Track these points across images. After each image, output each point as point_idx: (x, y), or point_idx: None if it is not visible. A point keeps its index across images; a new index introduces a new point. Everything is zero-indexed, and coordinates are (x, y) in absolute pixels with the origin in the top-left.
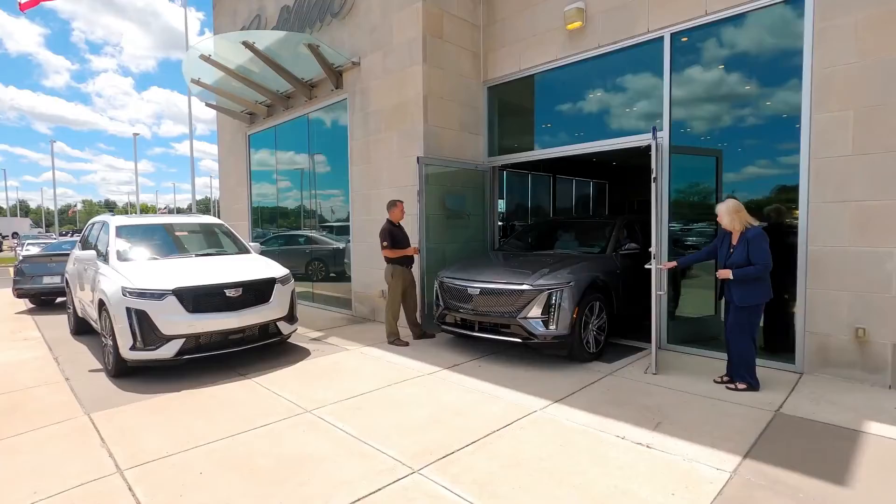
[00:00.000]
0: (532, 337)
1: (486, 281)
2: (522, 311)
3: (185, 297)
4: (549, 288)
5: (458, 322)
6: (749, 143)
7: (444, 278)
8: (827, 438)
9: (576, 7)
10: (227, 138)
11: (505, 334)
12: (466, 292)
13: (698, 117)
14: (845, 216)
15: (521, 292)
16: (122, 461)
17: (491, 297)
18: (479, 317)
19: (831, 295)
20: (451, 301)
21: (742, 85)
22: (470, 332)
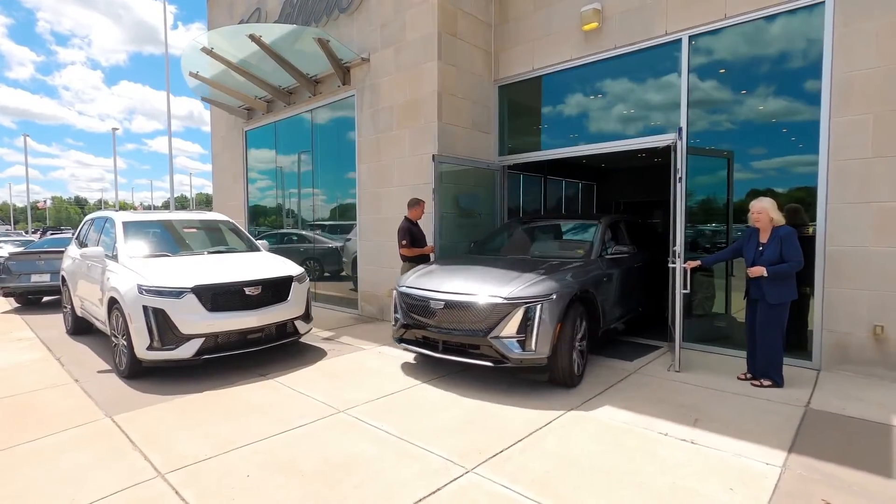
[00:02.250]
0: (505, 360)
1: (452, 292)
2: (494, 329)
3: (204, 296)
4: (526, 301)
5: (419, 340)
6: (766, 144)
7: (404, 287)
8: (862, 433)
9: (593, 8)
10: (223, 134)
11: (474, 356)
12: (428, 305)
13: (715, 119)
14: (865, 217)
15: (492, 306)
16: (160, 465)
17: (457, 312)
18: (444, 334)
19: (850, 294)
20: (412, 315)
21: (759, 88)
22: (433, 352)
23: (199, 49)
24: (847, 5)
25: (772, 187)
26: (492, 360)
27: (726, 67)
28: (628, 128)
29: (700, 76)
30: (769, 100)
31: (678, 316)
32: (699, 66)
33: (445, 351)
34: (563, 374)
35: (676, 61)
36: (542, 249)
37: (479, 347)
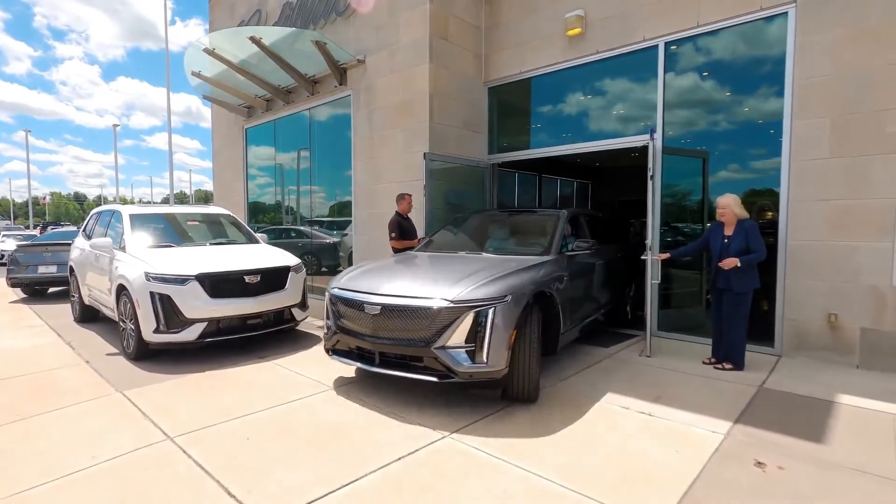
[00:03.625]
0: (452, 374)
1: (390, 294)
2: (439, 338)
3: (207, 283)
4: (476, 304)
5: (353, 351)
6: (735, 145)
7: (336, 289)
8: (805, 407)
9: (576, 14)
10: (223, 131)
11: (415, 369)
12: (362, 309)
13: (689, 121)
14: (822, 213)
15: (436, 311)
16: (168, 430)
17: (396, 317)
18: (381, 345)
19: (808, 284)
20: (344, 321)
21: (729, 92)
22: (369, 365)
23: (202, 49)
24: (806, 18)
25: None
26: (436, 374)
27: (700, 72)
28: (609, 128)
29: (675, 80)
30: (739, 103)
31: (650, 305)
32: (674, 71)
33: (383, 364)
34: (521, 389)
35: (653, 66)
36: (498, 245)
37: (423, 359)
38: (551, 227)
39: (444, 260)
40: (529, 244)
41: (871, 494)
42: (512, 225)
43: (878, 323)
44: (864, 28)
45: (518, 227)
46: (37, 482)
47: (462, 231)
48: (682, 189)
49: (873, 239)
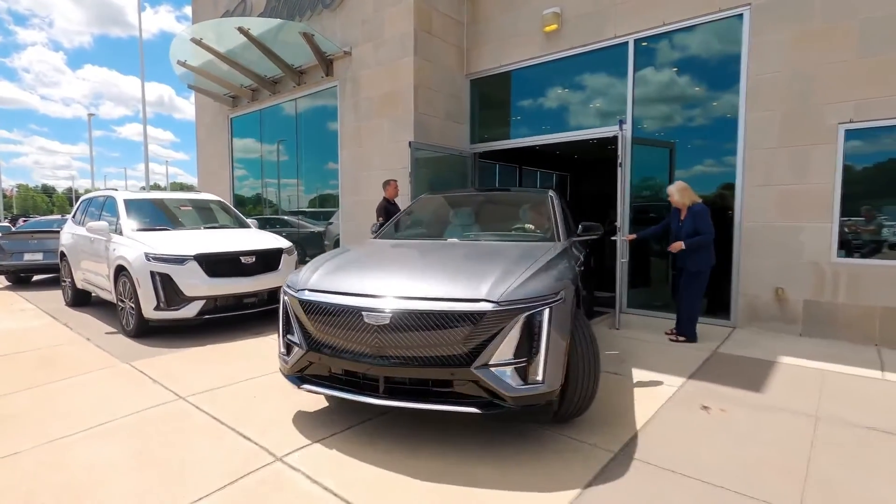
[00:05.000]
0: (500, 400)
1: (406, 296)
2: (481, 353)
3: (205, 263)
4: (529, 305)
5: (337, 376)
6: (698, 136)
7: (307, 293)
8: (749, 367)
9: (552, 11)
10: (208, 121)
11: (442, 398)
12: (358, 319)
13: (656, 113)
14: (771, 198)
15: (481, 316)
16: (180, 392)
17: (416, 328)
18: (390, 366)
19: (759, 262)
20: (325, 336)
21: (693, 86)
22: (369, 395)
23: (188, 39)
24: (759, 19)
25: (703, 173)
26: (476, 402)
27: (667, 68)
28: (583, 120)
29: (644, 75)
30: (702, 97)
31: (620, 283)
32: (643, 66)
33: (391, 393)
34: (576, 407)
35: (624, 61)
36: (496, 229)
37: (452, 384)
38: (549, 209)
39: (443, 248)
40: (530, 228)
41: (794, 427)
42: (501, 206)
43: (818, 295)
44: (810, 30)
45: (509, 208)
46: (64, 433)
47: (442, 213)
48: (651, 177)
49: (815, 220)
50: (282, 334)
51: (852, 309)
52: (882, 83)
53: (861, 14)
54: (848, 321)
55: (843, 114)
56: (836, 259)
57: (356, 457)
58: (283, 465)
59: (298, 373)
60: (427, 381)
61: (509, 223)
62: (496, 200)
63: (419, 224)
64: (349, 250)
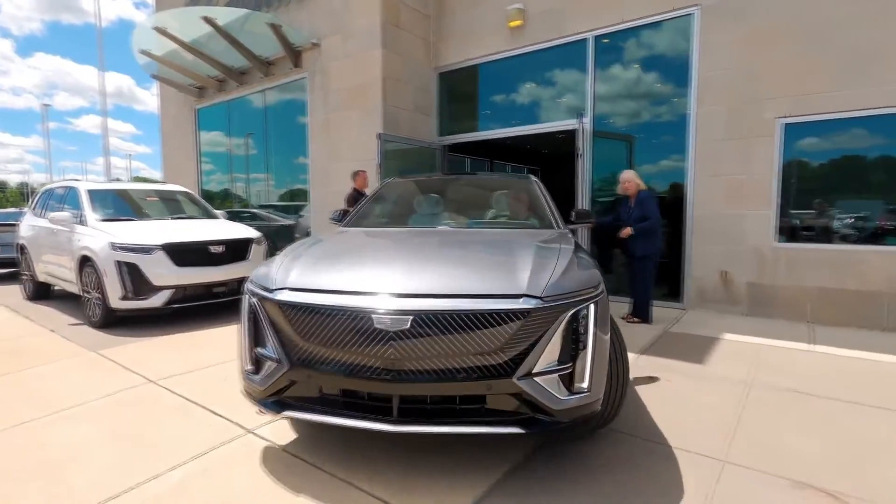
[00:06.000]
0: (547, 415)
1: (427, 293)
2: (524, 360)
3: (172, 252)
4: (574, 300)
5: (331, 398)
6: (655, 129)
7: (287, 291)
8: (695, 343)
9: (516, 7)
10: (173, 112)
11: (473, 419)
12: (369, 323)
13: (616, 108)
14: (719, 188)
15: (522, 314)
16: (151, 376)
17: (445, 333)
18: (408, 382)
19: (708, 248)
20: (318, 348)
21: (649, 82)
22: (379, 421)
23: (152, 28)
24: (707, 19)
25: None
26: (516, 420)
27: (625, 64)
28: (547, 113)
29: (604, 70)
30: (658, 92)
31: None
32: (603, 62)
33: (406, 416)
34: (608, 415)
35: (585, 57)
36: (481, 217)
37: (485, 399)
38: (539, 195)
39: (441, 236)
40: (523, 215)
41: (729, 392)
42: (484, 191)
43: (760, 278)
44: (754, 31)
45: (494, 193)
46: (35, 416)
47: (417, 198)
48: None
49: (757, 208)
50: (247, 347)
51: (789, 290)
52: (816, 80)
53: (799, 17)
54: (786, 301)
55: (782, 109)
56: (776, 244)
57: (326, 426)
58: (254, 437)
59: (275, 395)
60: (453, 399)
61: (498, 209)
62: (477, 185)
63: (394, 210)
64: (324, 241)
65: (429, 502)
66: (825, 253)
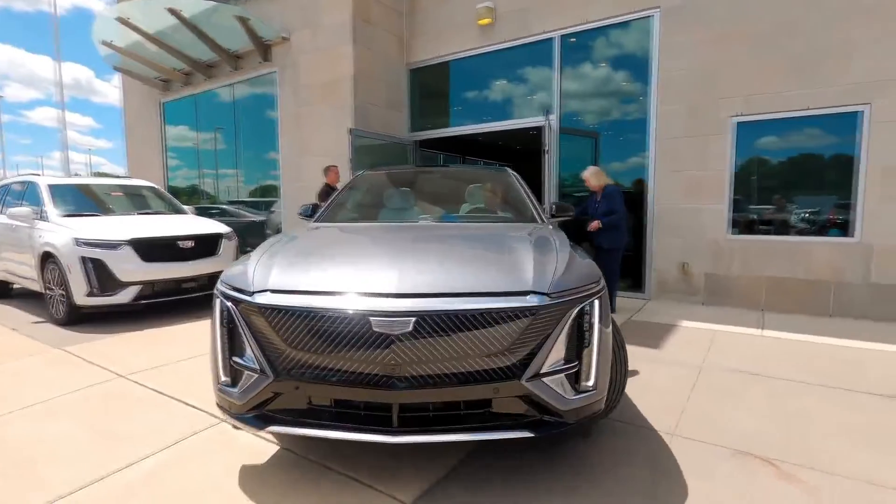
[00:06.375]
0: (555, 417)
1: (430, 293)
2: (533, 360)
3: (140, 247)
4: (579, 296)
5: (326, 408)
6: (619, 126)
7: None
8: (654, 330)
9: (485, 6)
10: (137, 105)
11: (479, 425)
12: (367, 326)
13: (581, 105)
14: (678, 183)
15: (530, 312)
16: (120, 371)
17: (450, 334)
18: (410, 390)
19: (669, 241)
20: (308, 356)
21: (613, 81)
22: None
23: (114, 18)
24: (667, 21)
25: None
26: (526, 424)
27: (589, 63)
28: (517, 110)
29: (569, 69)
30: (621, 90)
31: None
32: (569, 61)
33: (408, 425)
34: (609, 409)
35: (551, 55)
36: (461, 211)
37: (490, 404)
38: (518, 188)
39: (427, 231)
40: (505, 208)
41: (682, 374)
42: (461, 183)
43: (716, 268)
44: (710, 33)
45: (471, 186)
46: (3, 412)
47: (391, 191)
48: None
49: (713, 202)
50: (221, 357)
51: (743, 279)
52: (766, 81)
53: (751, 21)
54: (740, 290)
55: (735, 108)
56: (730, 236)
57: None
58: (226, 426)
59: (256, 409)
60: (456, 405)
61: (478, 202)
62: (455, 177)
63: (370, 204)
64: (302, 237)
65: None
66: (775, 244)
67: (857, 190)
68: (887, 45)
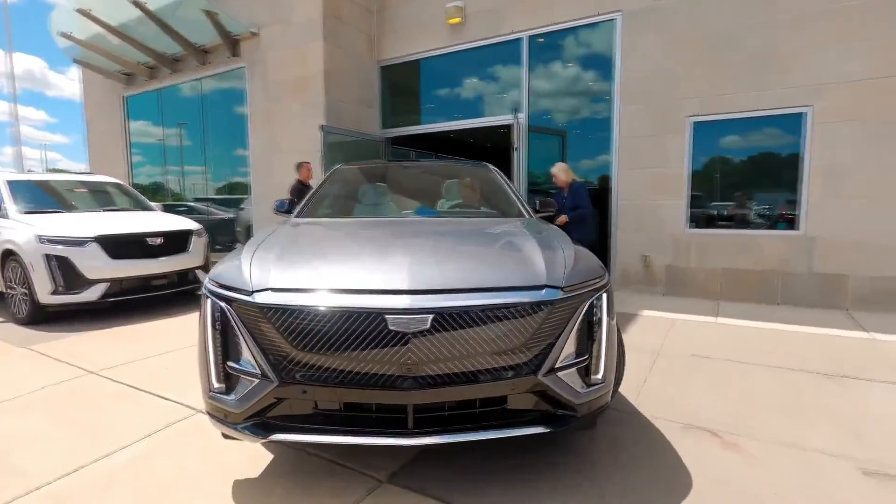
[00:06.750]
0: (569, 411)
1: (453, 288)
2: (550, 354)
3: (107, 244)
4: (590, 289)
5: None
6: (585, 125)
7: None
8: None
9: (455, 5)
10: (98, 99)
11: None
12: (382, 325)
13: (549, 104)
14: (641, 180)
15: (546, 306)
16: (90, 367)
17: (469, 330)
18: (426, 389)
19: (631, 235)
20: (316, 358)
21: (579, 81)
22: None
23: (73, 10)
24: (629, 24)
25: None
26: (540, 419)
27: (557, 63)
28: (487, 108)
29: (537, 68)
30: (587, 90)
31: None
32: (536, 60)
33: (424, 426)
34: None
35: (520, 55)
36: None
37: (506, 400)
38: (501, 183)
39: (423, 226)
40: (492, 203)
41: (640, 359)
42: (443, 178)
43: (675, 261)
44: (669, 36)
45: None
46: None
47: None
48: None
49: (672, 198)
50: (213, 362)
51: (701, 271)
52: (720, 83)
53: (705, 26)
54: (698, 281)
55: (692, 108)
56: (688, 230)
57: None
58: (204, 417)
59: (255, 417)
60: (472, 403)
61: (458, 197)
62: (437, 172)
63: (352, 199)
64: (289, 233)
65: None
66: (729, 238)
67: (802, 186)
68: (826, 51)
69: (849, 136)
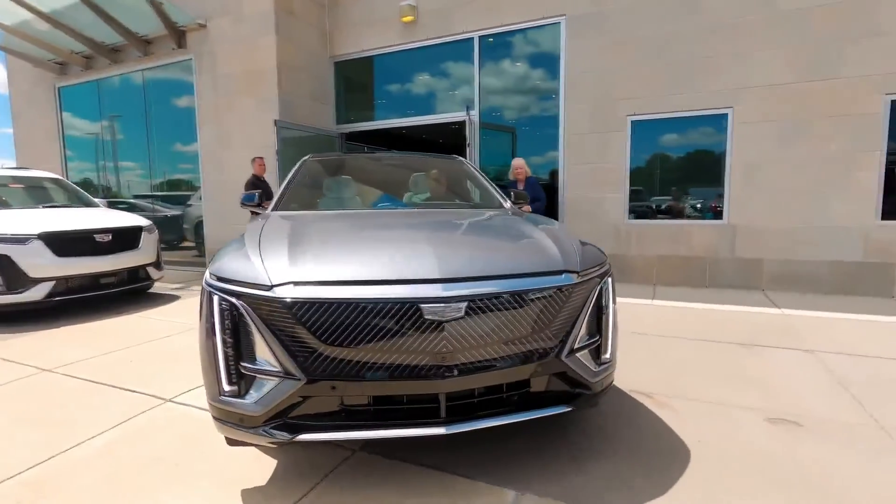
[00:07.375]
0: (585, 390)
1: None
2: (570, 336)
3: (52, 242)
4: (600, 273)
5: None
6: (534, 122)
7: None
8: None
9: (408, 4)
10: (26, 89)
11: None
12: (417, 314)
13: (500, 102)
14: (585, 174)
15: (568, 290)
16: (43, 365)
17: (501, 316)
18: (459, 377)
19: (578, 226)
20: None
21: (528, 80)
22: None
23: None
24: (572, 28)
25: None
26: (561, 398)
27: (507, 62)
28: (440, 105)
29: (487, 67)
30: (535, 89)
31: None
32: (487, 59)
33: (456, 415)
34: None
35: (471, 54)
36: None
37: (529, 383)
38: (478, 176)
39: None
40: (469, 195)
41: None
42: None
43: (617, 249)
44: (610, 40)
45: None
46: None
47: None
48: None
49: (613, 192)
50: (224, 363)
51: (639, 258)
52: (654, 85)
53: (641, 31)
54: (637, 267)
55: (630, 107)
56: (628, 221)
57: None
58: (173, 405)
59: (276, 418)
60: (500, 388)
61: (442, 188)
62: (413, 165)
63: (331, 190)
64: (289, 224)
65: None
66: (664, 227)
67: (725, 180)
68: (746, 59)
69: (763, 136)
